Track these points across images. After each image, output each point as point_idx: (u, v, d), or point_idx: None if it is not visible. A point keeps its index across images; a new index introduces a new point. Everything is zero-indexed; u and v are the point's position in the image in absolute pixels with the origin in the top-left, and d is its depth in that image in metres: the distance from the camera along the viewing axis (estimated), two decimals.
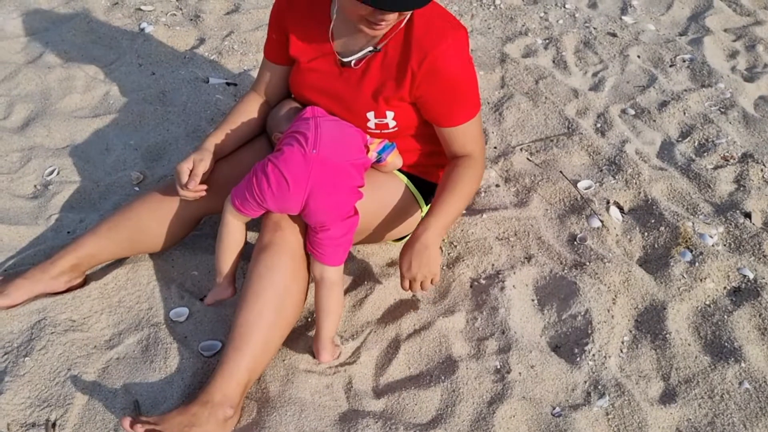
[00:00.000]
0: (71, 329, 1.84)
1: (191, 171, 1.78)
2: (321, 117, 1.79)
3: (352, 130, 1.80)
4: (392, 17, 1.57)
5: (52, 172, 2.37)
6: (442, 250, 2.11)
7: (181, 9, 3.33)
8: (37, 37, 3.08)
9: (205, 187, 1.79)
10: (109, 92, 2.77)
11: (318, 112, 1.82)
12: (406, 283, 1.78)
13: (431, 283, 1.79)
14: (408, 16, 1.66)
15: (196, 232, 2.14)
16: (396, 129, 1.81)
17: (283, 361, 1.79)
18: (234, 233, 1.77)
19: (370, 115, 1.77)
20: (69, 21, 3.18)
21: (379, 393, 1.75)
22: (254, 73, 2.90)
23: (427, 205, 1.97)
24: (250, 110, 1.95)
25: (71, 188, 2.31)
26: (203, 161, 1.80)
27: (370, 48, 1.72)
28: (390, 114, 1.77)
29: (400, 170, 1.93)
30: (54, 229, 2.15)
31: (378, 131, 1.81)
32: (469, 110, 1.79)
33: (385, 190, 1.88)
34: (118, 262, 2.03)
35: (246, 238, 1.82)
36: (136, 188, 2.32)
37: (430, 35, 1.67)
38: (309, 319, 1.91)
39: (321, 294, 1.73)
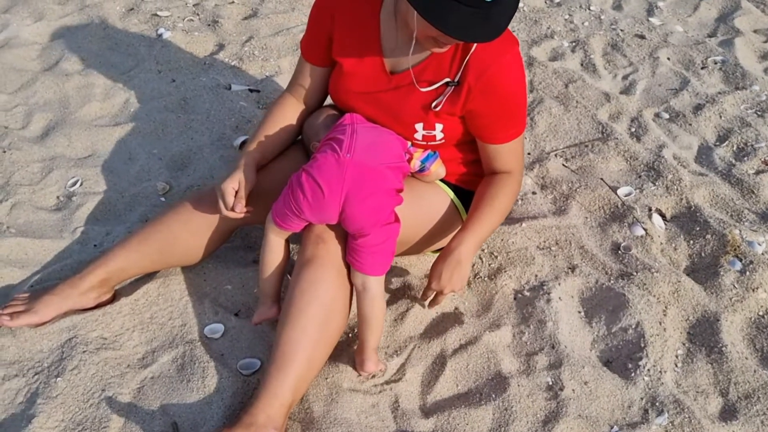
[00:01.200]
0: (103, 347, 1.77)
1: (236, 192, 1.70)
2: (359, 123, 1.73)
3: (392, 136, 1.73)
4: None
5: (75, 183, 2.29)
6: (482, 261, 2.04)
7: (198, 14, 3.26)
8: (52, 44, 3.01)
9: (249, 208, 1.71)
10: (129, 100, 2.70)
11: (357, 119, 1.75)
12: (431, 293, 1.76)
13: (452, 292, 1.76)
14: None
15: (227, 244, 2.06)
16: (443, 141, 1.75)
17: (326, 379, 1.72)
18: (276, 251, 1.70)
19: (419, 126, 1.71)
20: (84, 27, 3.12)
21: (427, 412, 1.68)
22: (277, 80, 2.83)
23: None
24: (286, 117, 1.87)
25: (95, 199, 2.23)
26: (248, 181, 1.71)
27: (447, 80, 1.65)
28: (439, 126, 1.71)
29: (443, 180, 1.86)
30: (80, 242, 2.08)
31: (424, 143, 1.74)
32: (516, 129, 1.74)
33: (427, 200, 1.81)
34: (148, 277, 1.95)
35: (289, 254, 1.75)
36: (162, 198, 2.25)
37: (489, 51, 1.61)
38: (350, 335, 1.84)
39: (363, 304, 1.66)
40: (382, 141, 1.70)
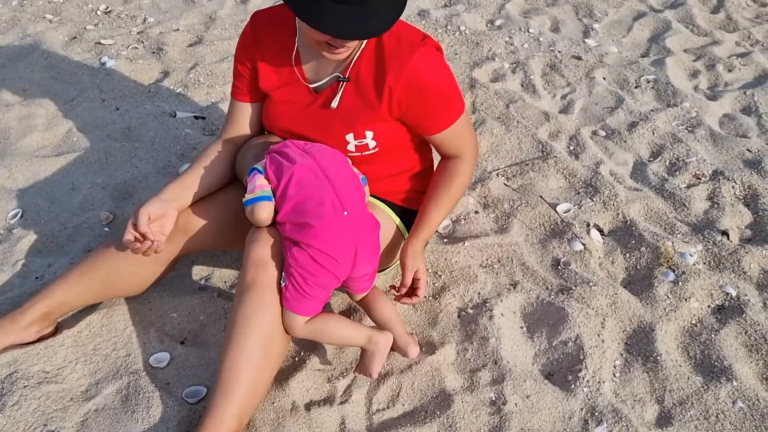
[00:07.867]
0: (45, 381, 1.75)
1: (137, 226, 1.66)
2: (313, 151, 1.73)
3: (346, 162, 1.76)
4: (353, 43, 1.59)
5: (15, 215, 2.26)
6: (427, 281, 2.08)
7: (142, 42, 3.26)
8: None
9: (161, 241, 1.68)
10: (72, 129, 2.68)
11: (297, 146, 1.76)
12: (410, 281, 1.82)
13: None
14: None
15: (173, 272, 2.06)
16: (377, 149, 1.77)
17: (272, 403, 1.73)
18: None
19: (349, 137, 1.74)
20: (26, 56, 3.09)
21: None
22: (223, 106, 2.84)
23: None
24: (211, 156, 1.83)
25: (37, 231, 2.21)
26: (169, 215, 1.70)
27: (337, 74, 1.71)
28: (369, 134, 1.74)
29: (387, 202, 1.90)
30: (21, 276, 2.05)
31: (359, 153, 1.77)
32: (453, 112, 1.78)
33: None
34: (92, 308, 1.94)
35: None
36: (106, 229, 2.24)
37: (402, 49, 1.66)
38: (296, 358, 1.85)
39: (376, 308, 1.77)
40: (351, 177, 1.74)
